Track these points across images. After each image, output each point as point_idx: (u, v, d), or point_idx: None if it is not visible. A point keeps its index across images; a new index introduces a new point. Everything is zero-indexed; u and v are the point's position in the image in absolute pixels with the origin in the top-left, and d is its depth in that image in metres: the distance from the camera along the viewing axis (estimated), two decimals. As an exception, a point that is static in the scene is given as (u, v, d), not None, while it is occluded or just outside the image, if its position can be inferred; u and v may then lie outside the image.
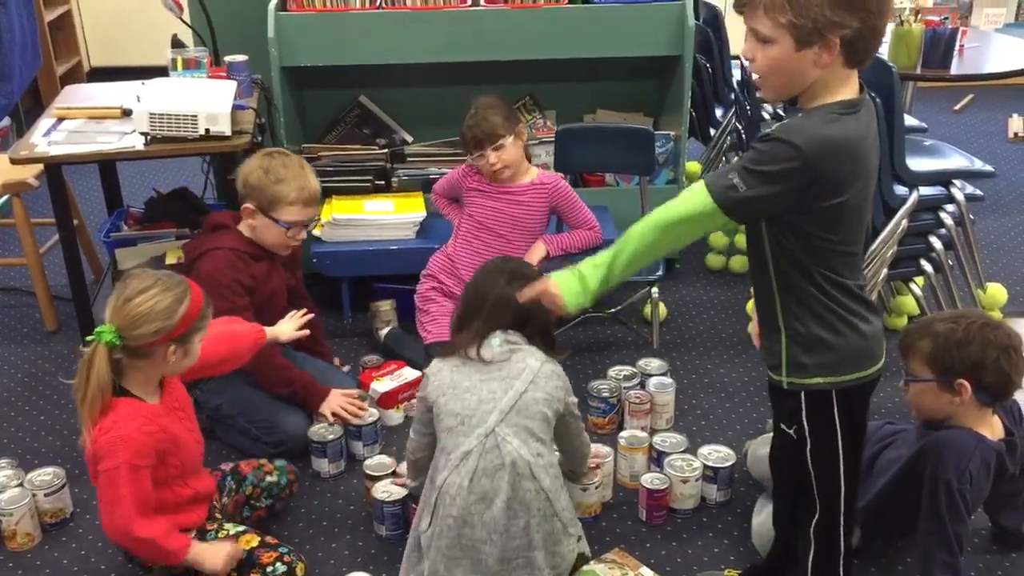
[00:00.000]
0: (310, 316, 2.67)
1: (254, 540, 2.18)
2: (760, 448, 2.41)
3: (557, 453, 2.19)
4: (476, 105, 3.02)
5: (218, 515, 2.27)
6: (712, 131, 4.16)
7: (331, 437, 2.61)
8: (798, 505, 1.96)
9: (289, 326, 2.61)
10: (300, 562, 2.18)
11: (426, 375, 2.13)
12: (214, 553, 2.10)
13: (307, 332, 2.65)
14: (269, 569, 2.12)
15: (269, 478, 2.43)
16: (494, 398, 2.01)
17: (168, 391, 2.15)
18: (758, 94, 3.49)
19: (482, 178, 3.08)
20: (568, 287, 1.81)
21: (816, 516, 1.91)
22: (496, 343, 2.06)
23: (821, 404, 1.82)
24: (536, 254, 3.06)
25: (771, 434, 2.08)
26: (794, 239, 1.71)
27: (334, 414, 2.66)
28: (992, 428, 2.14)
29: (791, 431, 1.87)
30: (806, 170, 1.59)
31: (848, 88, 1.66)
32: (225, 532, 2.19)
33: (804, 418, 1.83)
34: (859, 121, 1.66)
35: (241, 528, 2.22)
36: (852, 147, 1.63)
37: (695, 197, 1.68)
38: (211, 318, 2.13)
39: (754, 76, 1.72)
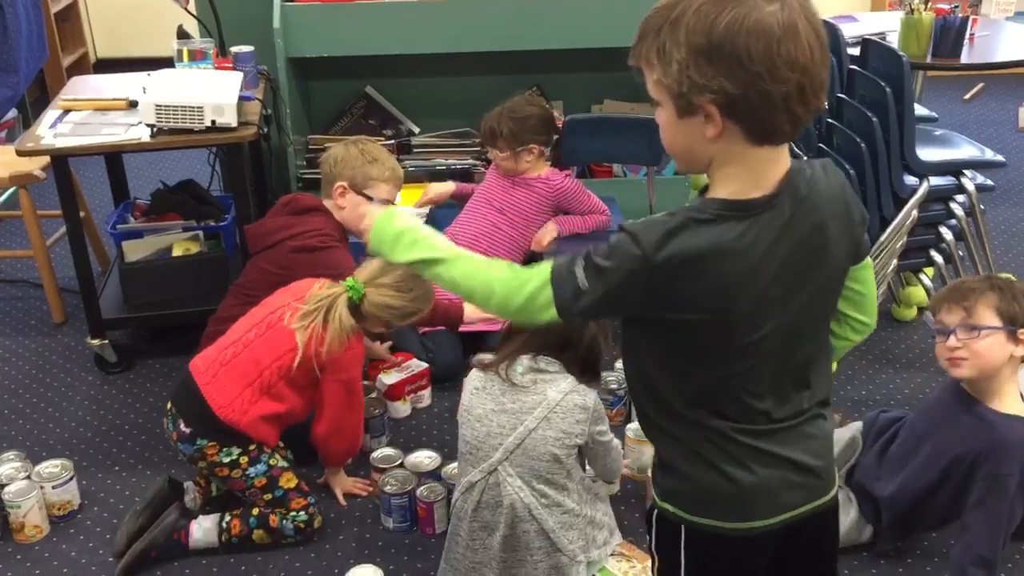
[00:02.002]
0: None
1: (292, 481, 2.32)
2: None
3: (575, 482, 2.07)
4: (506, 103, 3.10)
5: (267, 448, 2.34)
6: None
7: (376, 412, 2.67)
8: None
9: None
10: (319, 515, 2.36)
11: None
12: None
13: None
14: (292, 514, 2.31)
15: None
16: (502, 433, 1.98)
17: None
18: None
19: None
20: (380, 228, 1.49)
21: None
22: (520, 369, 2.01)
23: (670, 535, 1.47)
24: (547, 234, 3.12)
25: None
26: (646, 349, 1.38)
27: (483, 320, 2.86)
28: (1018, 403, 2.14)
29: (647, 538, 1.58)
30: (646, 276, 1.25)
31: (753, 178, 1.26)
32: (275, 460, 2.31)
33: (654, 537, 1.52)
34: (748, 229, 1.25)
35: (286, 464, 2.34)
36: (717, 262, 1.24)
37: (538, 291, 1.32)
38: None
39: None
